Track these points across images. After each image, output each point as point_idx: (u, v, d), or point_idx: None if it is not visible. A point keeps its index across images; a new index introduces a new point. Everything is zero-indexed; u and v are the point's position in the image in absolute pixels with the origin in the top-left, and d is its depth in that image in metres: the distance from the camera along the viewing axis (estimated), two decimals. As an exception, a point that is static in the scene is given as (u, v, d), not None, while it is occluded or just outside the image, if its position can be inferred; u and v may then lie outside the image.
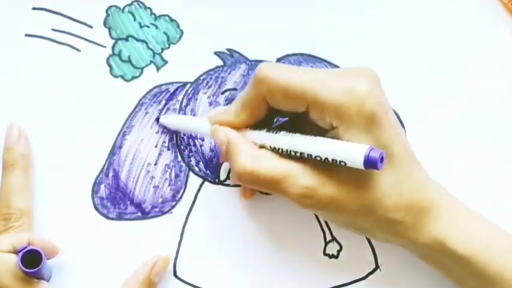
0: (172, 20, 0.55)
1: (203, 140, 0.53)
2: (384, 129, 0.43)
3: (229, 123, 0.48)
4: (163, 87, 0.53)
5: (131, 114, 0.53)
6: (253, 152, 0.46)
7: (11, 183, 0.50)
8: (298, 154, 0.45)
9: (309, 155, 0.44)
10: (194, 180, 0.52)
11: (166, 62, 0.54)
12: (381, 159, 0.41)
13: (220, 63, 0.54)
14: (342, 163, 0.42)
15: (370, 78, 0.44)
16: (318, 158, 0.44)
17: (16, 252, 0.46)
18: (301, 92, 0.44)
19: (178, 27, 0.54)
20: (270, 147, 0.46)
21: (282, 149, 0.46)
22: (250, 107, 0.47)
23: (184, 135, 0.53)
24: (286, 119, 0.50)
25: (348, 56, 0.54)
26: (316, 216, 0.51)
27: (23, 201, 0.49)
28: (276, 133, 0.46)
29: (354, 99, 0.43)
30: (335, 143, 0.43)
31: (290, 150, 0.45)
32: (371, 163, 0.41)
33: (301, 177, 0.44)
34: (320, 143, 0.44)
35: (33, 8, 0.54)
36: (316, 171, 0.44)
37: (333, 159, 0.42)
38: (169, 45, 0.54)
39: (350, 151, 0.42)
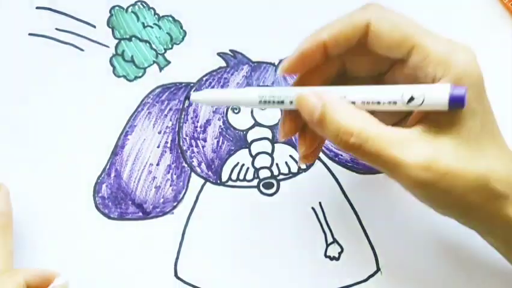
0: (175, 20, 0.55)
1: (205, 141, 0.53)
2: (485, 98, 0.41)
3: (303, 52, 0.42)
4: (166, 88, 0.54)
5: (133, 114, 0.53)
6: (356, 113, 0.40)
7: None
8: (402, 99, 0.40)
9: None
10: (196, 181, 0.52)
11: (169, 63, 0.54)
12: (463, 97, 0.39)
13: (223, 64, 0.54)
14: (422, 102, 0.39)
15: (472, 51, 0.41)
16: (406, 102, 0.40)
17: None
18: (412, 31, 0.40)
19: (182, 27, 0.55)
20: (370, 107, 0.41)
21: (383, 103, 0.41)
22: (347, 25, 0.42)
23: (187, 136, 0.53)
24: None
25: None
26: (318, 218, 0.51)
27: (1, 264, 0.46)
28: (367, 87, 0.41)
29: (464, 58, 0.40)
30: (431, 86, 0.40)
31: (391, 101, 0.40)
32: (456, 100, 0.39)
33: (418, 144, 0.39)
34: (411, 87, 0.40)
35: (37, 7, 0.54)
36: (429, 138, 0.40)
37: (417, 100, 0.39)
38: (172, 45, 0.54)
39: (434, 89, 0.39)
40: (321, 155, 0.53)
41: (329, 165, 0.53)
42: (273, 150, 0.53)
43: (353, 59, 0.44)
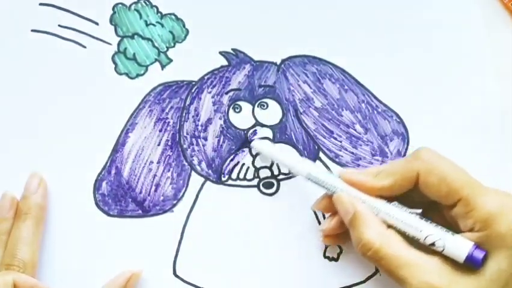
0: (178, 18, 0.55)
1: (206, 139, 0.53)
2: None
3: (364, 184, 0.46)
4: (167, 86, 0.54)
5: (134, 111, 0.53)
6: (381, 230, 0.44)
7: (21, 234, 0.49)
8: (424, 242, 0.44)
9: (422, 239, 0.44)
10: (196, 180, 0.52)
11: (171, 61, 0.54)
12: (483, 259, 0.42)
13: (225, 63, 0.54)
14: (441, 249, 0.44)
15: None
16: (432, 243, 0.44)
17: None
18: (460, 184, 0.43)
19: (184, 26, 0.55)
20: (398, 229, 0.45)
21: (409, 234, 0.45)
22: (398, 177, 0.45)
23: (187, 134, 0.53)
24: None
25: (352, 57, 0.54)
26: (317, 218, 0.51)
27: (29, 254, 0.48)
28: (405, 211, 0.45)
29: (509, 217, 0.42)
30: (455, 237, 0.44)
31: (415, 237, 0.45)
32: (472, 260, 0.42)
33: (426, 273, 0.43)
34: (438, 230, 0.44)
35: (40, 4, 0.55)
36: (443, 270, 0.43)
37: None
38: (174, 43, 0.54)
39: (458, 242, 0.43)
40: (321, 155, 0.53)
41: (329, 165, 0.52)
42: (273, 150, 0.53)
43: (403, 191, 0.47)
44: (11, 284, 0.46)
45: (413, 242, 0.45)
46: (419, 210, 0.47)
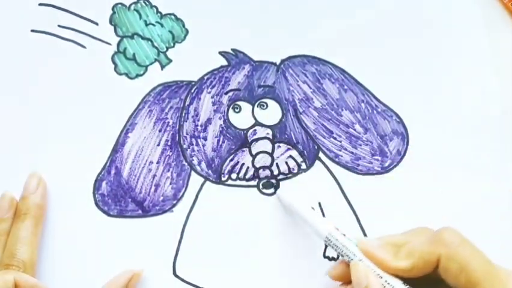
0: (177, 19, 0.55)
1: (206, 139, 0.53)
2: None
3: (381, 261, 0.44)
4: (167, 86, 0.54)
5: (134, 112, 0.53)
6: None
7: (19, 234, 0.49)
8: None
9: None
10: (195, 180, 0.52)
11: (170, 61, 0.54)
12: None
13: (225, 63, 0.54)
14: None
15: None
16: None
17: None
18: (481, 278, 0.41)
19: (184, 26, 0.55)
20: None
21: None
22: (418, 260, 0.43)
23: (187, 134, 0.53)
24: None
25: (351, 57, 0.54)
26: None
27: (28, 254, 0.48)
28: None
29: None
30: None
31: None
32: None
33: None
34: None
35: (40, 4, 0.55)
36: None
37: None
38: (174, 44, 0.54)
39: None
40: (321, 155, 0.53)
41: (329, 165, 0.52)
42: (273, 150, 0.53)
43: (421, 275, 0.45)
44: (12, 284, 0.46)
45: None
46: None
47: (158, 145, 0.53)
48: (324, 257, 0.51)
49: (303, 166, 0.53)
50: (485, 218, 0.51)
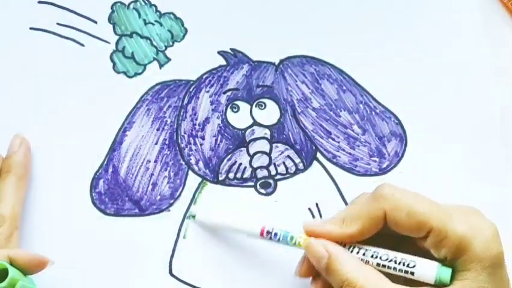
0: (176, 18, 0.55)
1: (203, 139, 0.53)
2: (504, 275, 0.43)
3: (329, 234, 0.44)
4: (165, 85, 0.54)
5: (132, 110, 0.53)
6: (361, 268, 0.43)
7: (0, 189, 0.49)
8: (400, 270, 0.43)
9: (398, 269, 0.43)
10: (193, 179, 0.52)
11: (169, 60, 0.54)
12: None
13: (223, 62, 0.54)
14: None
15: (489, 220, 0.43)
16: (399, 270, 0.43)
17: None
18: (428, 215, 0.42)
19: (183, 25, 0.55)
20: (377, 264, 0.44)
21: (388, 266, 0.44)
22: (365, 221, 0.44)
23: (185, 133, 0.53)
24: None
25: (350, 58, 0.54)
26: (313, 217, 0.51)
27: (8, 208, 0.48)
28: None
29: (482, 237, 0.42)
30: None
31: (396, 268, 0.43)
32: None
33: None
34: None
35: (39, 2, 0.55)
36: None
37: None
38: (172, 43, 0.54)
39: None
40: (318, 155, 0.53)
41: (326, 166, 0.52)
42: (270, 150, 0.53)
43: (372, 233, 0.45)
44: (5, 258, 0.44)
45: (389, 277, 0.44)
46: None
47: (156, 144, 0.53)
48: (321, 257, 0.51)
49: (301, 166, 0.52)
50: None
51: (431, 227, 0.42)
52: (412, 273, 0.43)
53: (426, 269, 0.42)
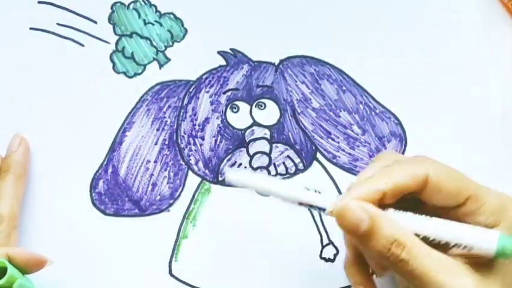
0: (176, 18, 0.55)
1: (203, 139, 0.53)
2: None
3: (372, 192, 0.41)
4: (165, 85, 0.54)
5: (132, 110, 0.53)
6: (406, 230, 0.41)
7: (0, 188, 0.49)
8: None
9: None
10: (192, 180, 0.52)
11: (169, 60, 0.54)
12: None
13: (223, 62, 0.54)
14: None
15: None
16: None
17: None
18: (466, 182, 0.42)
19: (183, 25, 0.54)
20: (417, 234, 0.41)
21: (432, 238, 0.41)
22: (409, 180, 0.41)
23: (185, 133, 0.53)
24: None
25: (350, 58, 0.54)
26: (314, 219, 0.51)
27: (6, 207, 0.49)
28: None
29: None
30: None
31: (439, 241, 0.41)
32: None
33: (465, 278, 0.40)
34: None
35: (39, 2, 0.55)
36: (476, 273, 0.41)
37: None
38: (172, 43, 0.54)
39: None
40: (318, 155, 0.53)
41: (326, 166, 0.52)
42: (270, 150, 0.53)
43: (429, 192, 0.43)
44: (4, 256, 0.45)
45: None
46: None
47: (155, 144, 0.53)
48: (321, 258, 0.51)
49: (301, 167, 0.52)
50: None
51: (470, 193, 0.42)
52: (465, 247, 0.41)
53: (485, 239, 0.40)
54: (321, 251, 0.51)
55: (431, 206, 0.43)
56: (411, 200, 0.42)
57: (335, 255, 0.51)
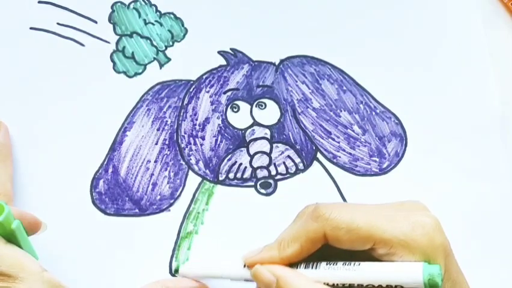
0: (177, 18, 0.55)
1: (203, 139, 0.53)
2: (453, 263, 0.42)
3: (270, 260, 0.43)
4: (165, 85, 0.54)
5: (132, 110, 0.53)
6: (312, 285, 0.42)
7: None
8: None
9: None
10: (193, 179, 0.52)
11: (169, 60, 0.54)
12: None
13: (224, 62, 0.54)
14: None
15: (431, 214, 0.43)
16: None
17: None
18: (369, 229, 0.41)
19: (183, 25, 0.55)
20: (328, 284, 0.42)
21: (343, 284, 0.42)
22: (303, 241, 0.43)
23: (185, 133, 0.53)
24: None
25: (350, 58, 0.54)
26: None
27: (0, 185, 0.48)
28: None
29: (424, 233, 0.41)
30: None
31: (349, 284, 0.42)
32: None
33: None
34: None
35: (39, 2, 0.54)
36: None
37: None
38: (173, 43, 0.54)
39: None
40: (319, 155, 0.53)
41: (326, 166, 0.52)
42: (271, 150, 0.53)
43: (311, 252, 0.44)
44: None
45: None
46: None
47: (156, 144, 0.53)
48: (321, 257, 0.51)
49: (301, 166, 0.52)
50: (485, 220, 0.51)
51: (374, 240, 0.41)
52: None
53: (410, 273, 0.40)
54: (322, 251, 0.51)
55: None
56: None
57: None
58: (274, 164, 0.52)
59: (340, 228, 0.42)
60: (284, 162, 0.52)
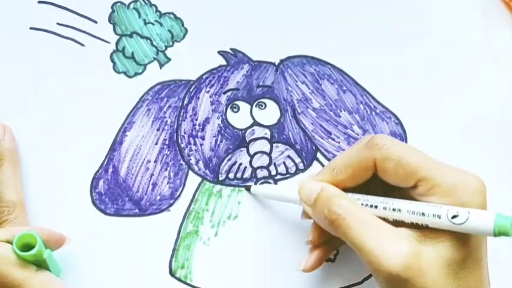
0: (176, 18, 0.55)
1: (203, 139, 0.53)
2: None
3: (335, 181, 0.46)
4: (166, 85, 0.54)
5: (132, 110, 0.53)
6: (351, 202, 0.44)
7: (1, 177, 0.49)
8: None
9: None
10: (193, 179, 0.52)
11: (169, 60, 0.54)
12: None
13: (224, 62, 0.54)
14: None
15: (481, 180, 0.43)
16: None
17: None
18: (416, 165, 0.43)
19: (183, 25, 0.55)
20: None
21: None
22: (355, 168, 0.45)
23: (185, 133, 0.53)
24: None
25: (350, 58, 0.54)
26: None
27: (14, 194, 0.49)
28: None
29: (469, 189, 0.42)
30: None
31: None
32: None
33: (404, 243, 0.41)
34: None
35: (39, 2, 0.54)
36: (418, 243, 0.42)
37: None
38: (173, 43, 0.54)
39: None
40: (319, 155, 0.53)
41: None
42: (271, 150, 0.53)
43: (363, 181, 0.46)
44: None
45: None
46: None
47: (156, 144, 0.53)
48: (321, 257, 0.51)
49: (301, 166, 0.52)
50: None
51: (419, 176, 0.43)
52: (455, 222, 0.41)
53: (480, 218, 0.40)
54: (322, 251, 0.51)
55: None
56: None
57: (335, 256, 0.51)
58: (274, 164, 0.52)
59: (390, 159, 0.43)
60: (284, 162, 0.52)
